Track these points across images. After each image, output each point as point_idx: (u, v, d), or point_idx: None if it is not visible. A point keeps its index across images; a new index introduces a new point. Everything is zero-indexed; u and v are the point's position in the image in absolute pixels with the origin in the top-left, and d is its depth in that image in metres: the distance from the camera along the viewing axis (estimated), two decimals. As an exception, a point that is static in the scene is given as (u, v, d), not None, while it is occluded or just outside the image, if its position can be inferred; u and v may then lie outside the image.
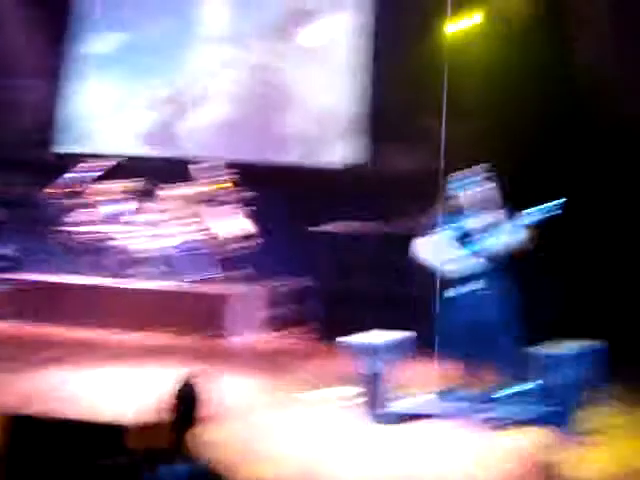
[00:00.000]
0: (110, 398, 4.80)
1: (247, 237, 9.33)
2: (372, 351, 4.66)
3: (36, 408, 4.21)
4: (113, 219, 9.47)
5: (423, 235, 5.51)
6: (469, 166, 5.51)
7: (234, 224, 9.25)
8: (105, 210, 9.52)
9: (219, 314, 8.36)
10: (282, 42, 12.15)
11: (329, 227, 8.70)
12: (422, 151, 11.16)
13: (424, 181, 10.66)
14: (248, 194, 9.51)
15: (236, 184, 9.53)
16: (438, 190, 5.92)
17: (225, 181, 9.46)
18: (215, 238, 9.25)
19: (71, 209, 9.56)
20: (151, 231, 9.27)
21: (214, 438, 2.42)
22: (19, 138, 11.90)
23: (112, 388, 5.16)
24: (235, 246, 9.33)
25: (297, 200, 10.75)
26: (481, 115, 10.13)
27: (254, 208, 9.53)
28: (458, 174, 5.52)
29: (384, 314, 8.23)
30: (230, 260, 9.50)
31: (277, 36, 12.22)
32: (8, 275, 9.30)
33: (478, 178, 5.40)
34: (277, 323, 9.35)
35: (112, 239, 9.21)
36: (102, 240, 9.20)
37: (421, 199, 9.92)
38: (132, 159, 11.04)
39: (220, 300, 8.51)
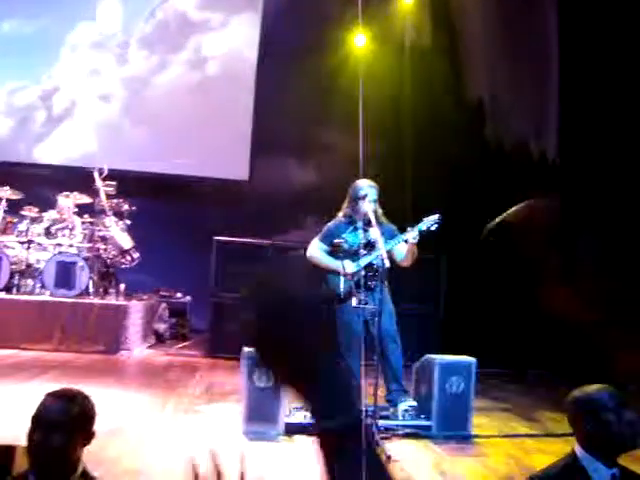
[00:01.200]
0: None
1: (129, 250, 9.10)
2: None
3: None
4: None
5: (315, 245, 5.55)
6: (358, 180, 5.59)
7: (117, 236, 8.99)
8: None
9: (108, 328, 8.10)
10: (171, 53, 12.06)
11: (221, 238, 8.58)
12: (311, 166, 11.42)
13: (312, 194, 10.95)
14: (130, 206, 9.31)
15: (119, 195, 9.30)
16: (332, 204, 5.95)
17: (113, 190, 9.20)
18: (98, 250, 8.97)
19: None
20: (35, 241, 8.86)
21: (104, 455, 2.32)
22: None
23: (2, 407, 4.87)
24: (118, 259, 9.09)
25: (187, 212, 10.70)
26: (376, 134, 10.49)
27: (139, 220, 9.35)
28: (351, 186, 5.57)
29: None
30: (112, 273, 9.25)
31: (166, 47, 12.13)
32: None
33: (369, 190, 5.46)
34: (162, 337, 9.20)
35: (1, 249, 8.70)
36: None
37: (313, 212, 10.13)
38: (20, 166, 10.61)
39: (109, 313, 8.24)
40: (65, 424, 2.12)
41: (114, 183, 9.20)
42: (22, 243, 8.84)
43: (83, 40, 12.04)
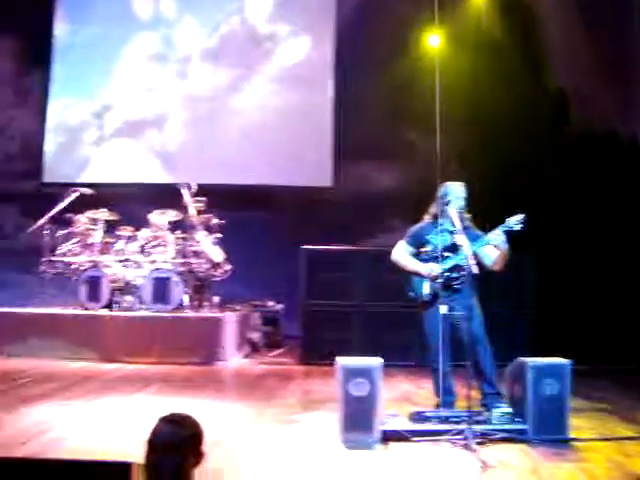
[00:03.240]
0: (104, 434, 4.78)
1: (221, 262, 9.37)
2: (365, 373, 4.70)
3: (23, 448, 4.22)
4: (99, 248, 9.45)
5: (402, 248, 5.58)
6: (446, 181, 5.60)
7: (209, 250, 9.28)
8: (91, 239, 9.51)
9: (204, 340, 8.38)
10: (242, 65, 12.32)
11: (309, 247, 8.72)
12: (394, 168, 11.44)
13: (396, 196, 10.98)
14: (225, 218, 9.56)
15: (211, 209, 9.56)
16: (417, 206, 5.97)
17: (202, 206, 9.48)
18: (191, 264, 9.28)
19: (58, 239, 9.52)
20: (131, 259, 9.27)
21: (207, 467, 2.45)
22: (5, 169, 11.97)
23: (106, 422, 5.14)
24: (210, 272, 9.37)
25: (273, 221, 10.92)
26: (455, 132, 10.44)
27: (226, 232, 9.59)
28: (438, 189, 5.57)
29: (368, 333, 8.39)
30: (206, 286, 9.54)
31: (235, 59, 12.40)
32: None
33: (456, 194, 5.46)
34: (256, 346, 9.42)
35: (99, 268, 9.16)
36: (90, 269, 9.14)
37: (399, 215, 10.17)
38: (113, 186, 11.10)
39: (205, 326, 8.53)
40: (177, 446, 2.28)
41: (204, 199, 9.48)
42: (120, 262, 9.26)
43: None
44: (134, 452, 2.44)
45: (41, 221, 9.43)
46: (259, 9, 12.48)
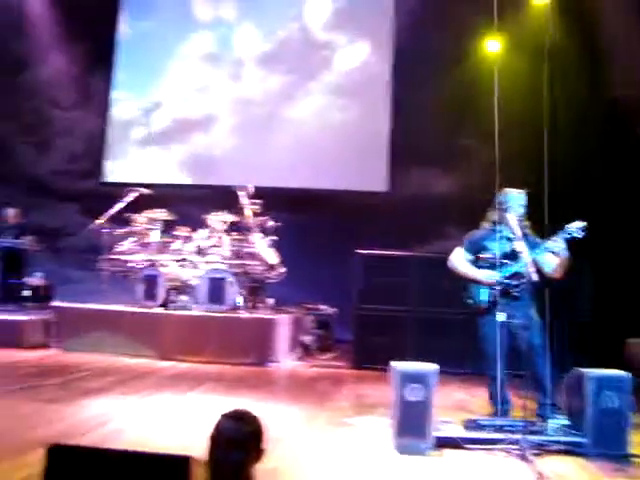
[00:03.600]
0: (160, 428, 4.87)
1: (276, 265, 9.44)
2: (421, 378, 4.68)
3: (83, 438, 4.32)
4: (156, 247, 9.64)
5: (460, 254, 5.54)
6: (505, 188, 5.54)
7: (264, 252, 9.36)
8: (149, 239, 9.70)
9: (257, 341, 8.45)
10: (308, 73, 12.40)
11: (364, 251, 8.72)
12: (451, 174, 11.35)
13: (453, 203, 10.89)
14: (278, 221, 9.63)
15: (266, 211, 9.65)
16: (474, 212, 5.91)
17: (259, 208, 9.57)
18: (246, 266, 9.37)
19: (117, 238, 9.75)
20: (188, 259, 9.41)
21: (262, 467, 2.47)
22: (68, 168, 12.35)
23: (162, 417, 5.23)
24: (265, 274, 9.45)
25: (328, 225, 10.95)
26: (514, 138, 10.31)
27: (281, 235, 9.65)
28: (497, 196, 5.52)
29: (421, 339, 8.33)
30: (260, 288, 9.62)
31: (304, 67, 12.49)
32: (52, 302, 9.56)
33: (516, 201, 5.41)
34: (308, 349, 9.46)
35: (158, 267, 9.34)
36: (147, 268, 9.33)
37: (454, 221, 10.09)
38: (170, 187, 11.31)
39: (258, 327, 8.59)
40: (240, 442, 2.32)
41: (260, 201, 9.56)
42: (176, 261, 9.41)
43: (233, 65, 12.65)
44: (191, 447, 2.48)
45: (101, 219, 9.65)
46: (317, 16, 12.55)
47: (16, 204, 10.93)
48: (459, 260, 5.55)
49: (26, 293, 10.25)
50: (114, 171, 12.79)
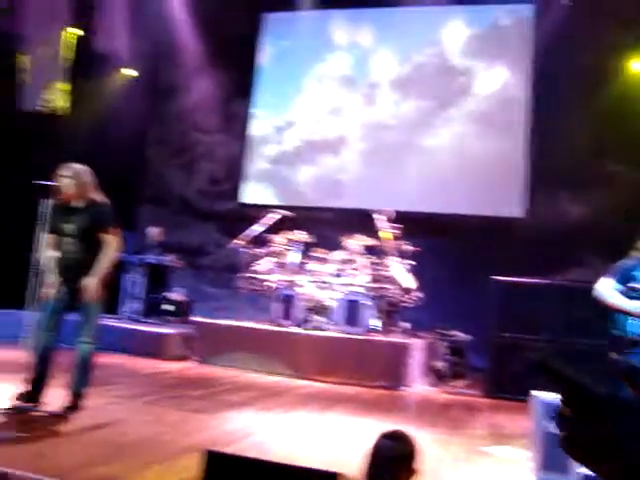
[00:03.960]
0: (302, 444, 5.00)
1: (411, 290, 9.46)
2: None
3: (228, 449, 4.50)
4: (294, 268, 9.93)
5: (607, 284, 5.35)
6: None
7: (400, 276, 9.41)
8: (287, 259, 10.02)
9: (391, 365, 8.48)
10: (444, 98, 12.39)
11: (500, 278, 8.58)
12: (590, 199, 10.94)
13: (592, 229, 10.49)
14: (412, 246, 9.66)
15: (404, 236, 9.71)
16: (614, 241, 5.70)
17: (395, 232, 9.65)
18: (383, 289, 9.45)
19: (256, 258, 10.13)
20: (325, 280, 9.62)
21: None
22: (210, 189, 13.02)
23: (303, 434, 5.37)
24: (401, 298, 9.49)
25: (462, 251, 10.84)
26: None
27: (417, 259, 9.66)
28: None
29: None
30: (396, 312, 9.67)
31: (440, 92, 12.50)
32: (191, 317, 10.04)
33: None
34: (441, 375, 9.37)
35: (294, 287, 9.62)
36: (284, 288, 9.63)
37: (592, 249, 9.74)
38: (304, 210, 11.62)
39: (392, 350, 8.63)
40: (397, 461, 2.39)
41: (400, 225, 9.64)
42: (313, 282, 9.64)
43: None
44: (333, 463, 2.56)
45: (240, 239, 10.05)
46: (455, 42, 12.53)
47: (163, 223, 11.59)
48: (607, 289, 5.36)
49: (168, 307, 10.78)
50: (251, 193, 13.26)
